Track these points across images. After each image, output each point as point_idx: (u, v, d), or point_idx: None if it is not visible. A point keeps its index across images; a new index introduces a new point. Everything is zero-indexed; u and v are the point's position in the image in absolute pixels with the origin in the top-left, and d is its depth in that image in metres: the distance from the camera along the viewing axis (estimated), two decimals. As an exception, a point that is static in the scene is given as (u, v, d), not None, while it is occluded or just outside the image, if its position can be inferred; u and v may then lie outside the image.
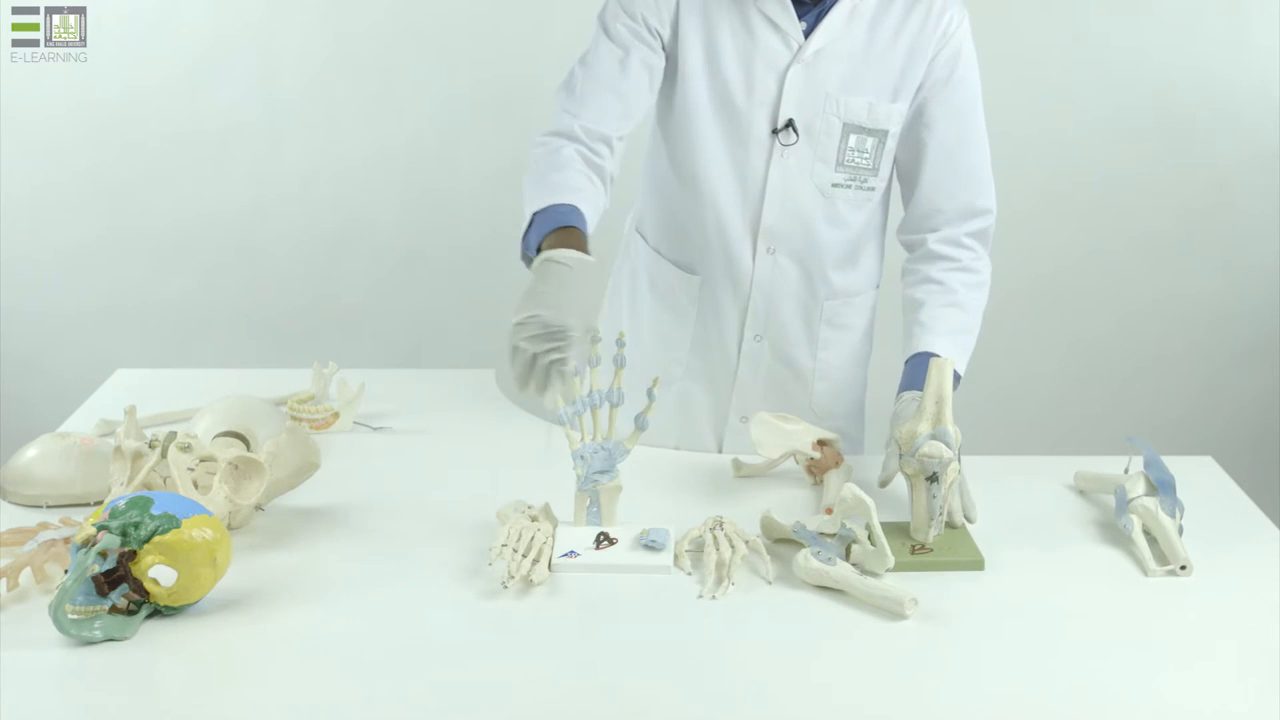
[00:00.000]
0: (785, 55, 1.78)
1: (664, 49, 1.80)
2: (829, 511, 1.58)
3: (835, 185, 1.83)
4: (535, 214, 1.63)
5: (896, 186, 1.91)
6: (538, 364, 1.47)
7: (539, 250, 1.58)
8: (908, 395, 1.69)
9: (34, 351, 3.27)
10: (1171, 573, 1.49)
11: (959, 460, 1.54)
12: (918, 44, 1.79)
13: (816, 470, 1.73)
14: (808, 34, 1.78)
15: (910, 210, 1.87)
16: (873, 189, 1.85)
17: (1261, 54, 3.13)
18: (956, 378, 1.75)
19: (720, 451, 1.94)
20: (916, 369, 1.72)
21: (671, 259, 1.93)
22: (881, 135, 1.81)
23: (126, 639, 1.30)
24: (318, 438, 1.81)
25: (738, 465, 1.77)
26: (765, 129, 1.80)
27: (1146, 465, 1.63)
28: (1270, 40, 3.12)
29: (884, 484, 1.63)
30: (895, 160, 1.86)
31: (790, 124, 1.79)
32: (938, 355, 1.70)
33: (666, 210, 1.91)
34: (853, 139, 1.80)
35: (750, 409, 1.89)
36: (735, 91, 1.79)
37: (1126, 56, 3.14)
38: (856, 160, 1.81)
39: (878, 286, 1.97)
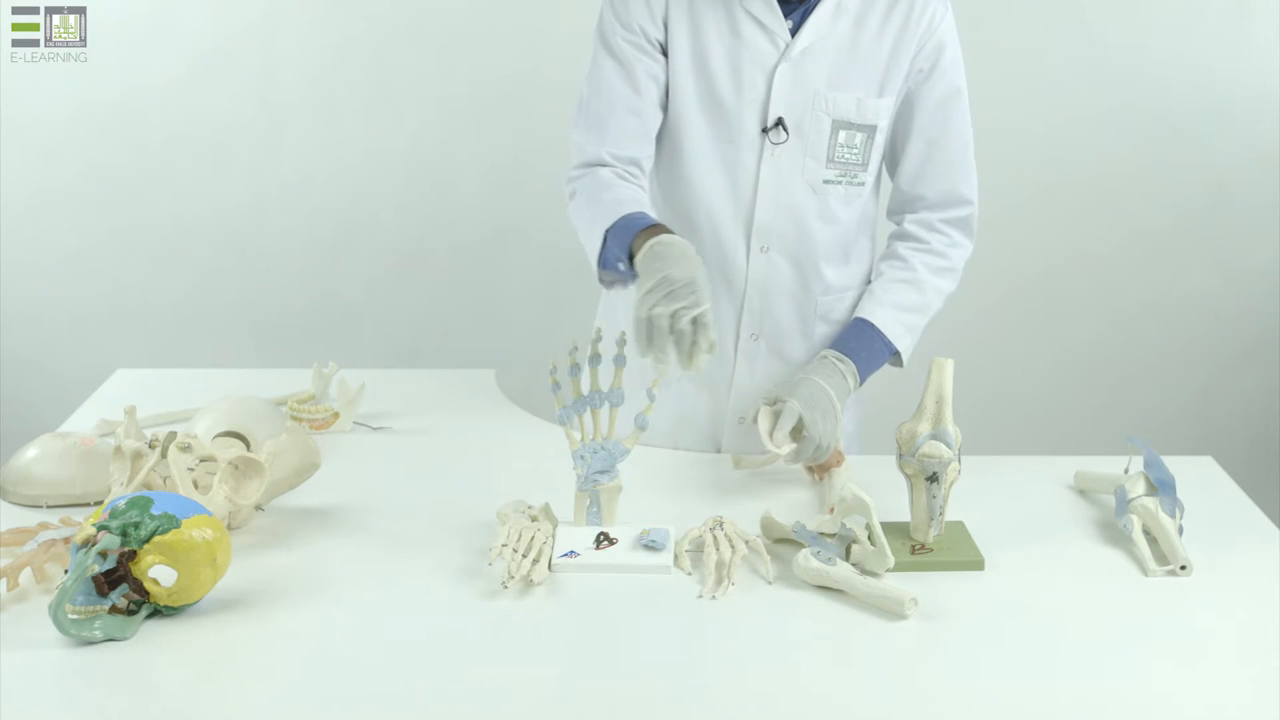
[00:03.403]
0: (773, 54, 1.78)
1: (663, 54, 1.80)
2: (830, 511, 1.58)
3: (826, 181, 1.83)
4: (607, 231, 1.66)
5: (885, 176, 1.93)
6: (676, 326, 1.49)
7: (631, 255, 1.62)
8: (824, 354, 1.77)
9: (34, 351, 3.27)
10: (1171, 573, 1.49)
11: (959, 460, 1.54)
12: (902, 39, 1.80)
13: (817, 470, 1.73)
14: (794, 32, 1.78)
15: (894, 195, 1.92)
16: (862, 184, 1.86)
17: (1260, 51, 3.13)
18: (898, 356, 1.84)
19: (719, 453, 1.94)
20: (848, 332, 1.82)
21: None
22: (870, 130, 1.82)
23: (126, 639, 1.30)
24: (318, 438, 1.81)
25: (738, 458, 1.77)
26: (755, 128, 1.80)
27: (1146, 465, 1.63)
28: (1269, 37, 3.12)
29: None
30: (882, 149, 1.88)
31: (780, 122, 1.80)
32: (873, 323, 1.80)
33: (659, 212, 1.90)
34: (842, 135, 1.81)
35: (749, 409, 1.89)
36: (724, 91, 1.79)
37: (1124, 53, 3.14)
38: (846, 156, 1.82)
39: (869, 281, 1.98)
